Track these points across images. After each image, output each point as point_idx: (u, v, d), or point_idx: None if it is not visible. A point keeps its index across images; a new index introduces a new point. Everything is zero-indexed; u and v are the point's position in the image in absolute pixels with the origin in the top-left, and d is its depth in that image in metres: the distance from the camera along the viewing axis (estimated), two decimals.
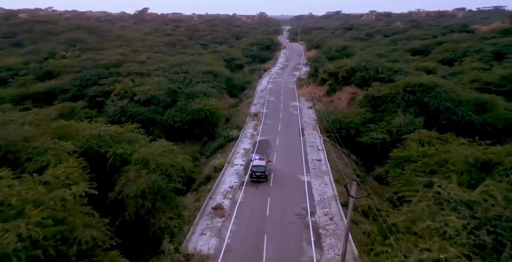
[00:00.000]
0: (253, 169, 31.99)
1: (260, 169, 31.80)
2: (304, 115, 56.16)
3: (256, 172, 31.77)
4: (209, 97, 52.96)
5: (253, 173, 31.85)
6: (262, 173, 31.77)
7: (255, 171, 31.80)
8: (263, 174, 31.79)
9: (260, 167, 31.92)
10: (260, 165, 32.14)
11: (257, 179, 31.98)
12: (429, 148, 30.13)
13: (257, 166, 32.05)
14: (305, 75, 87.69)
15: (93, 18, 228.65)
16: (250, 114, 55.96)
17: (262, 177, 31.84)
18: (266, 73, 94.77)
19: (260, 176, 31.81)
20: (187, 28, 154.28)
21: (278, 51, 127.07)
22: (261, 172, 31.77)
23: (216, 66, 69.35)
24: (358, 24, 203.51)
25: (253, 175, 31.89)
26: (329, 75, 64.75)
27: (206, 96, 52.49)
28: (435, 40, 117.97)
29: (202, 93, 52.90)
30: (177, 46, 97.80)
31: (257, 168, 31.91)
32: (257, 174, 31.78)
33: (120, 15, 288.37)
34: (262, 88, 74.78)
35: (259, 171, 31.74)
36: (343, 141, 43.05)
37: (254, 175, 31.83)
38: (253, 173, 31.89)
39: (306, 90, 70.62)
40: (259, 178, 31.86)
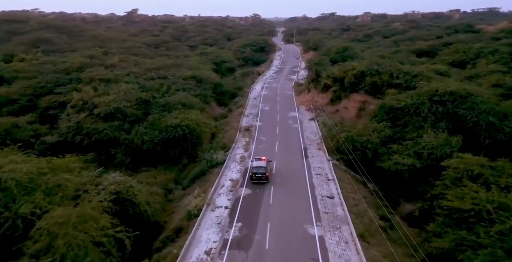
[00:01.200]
0: (253, 171, 30.23)
1: (260, 170, 29.98)
2: (306, 129, 46.16)
3: (256, 174, 30.02)
4: (190, 109, 42.81)
5: (253, 175, 30.13)
6: (263, 175, 29.99)
7: (255, 173, 30.04)
8: (264, 176, 30.00)
9: (260, 168, 30.09)
10: (260, 166, 30.30)
11: (257, 181, 30.18)
12: (504, 196, 20.09)
13: (257, 167, 30.22)
14: (304, 80, 77.89)
15: (79, 19, 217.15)
16: (240, 129, 45.84)
17: (263, 179, 30.06)
18: (260, 77, 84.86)
19: (261, 178, 30.05)
20: (175, 29, 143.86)
21: (272, 53, 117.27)
22: (262, 173, 29.99)
23: (202, 71, 59.24)
24: (355, 25, 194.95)
25: (253, 176, 30.20)
26: (334, 81, 54.99)
27: (186, 108, 42.30)
28: (441, 41, 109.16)
29: (181, 104, 42.72)
30: (161, 48, 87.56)
31: (257, 169, 30.11)
32: (257, 175, 30.01)
33: (109, 16, 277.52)
34: (256, 95, 64.74)
35: (259, 173, 29.96)
36: (356, 164, 33.29)
37: (255, 177, 30.13)
38: (253, 174, 30.15)
39: (306, 97, 60.75)
40: (260, 179, 30.10)
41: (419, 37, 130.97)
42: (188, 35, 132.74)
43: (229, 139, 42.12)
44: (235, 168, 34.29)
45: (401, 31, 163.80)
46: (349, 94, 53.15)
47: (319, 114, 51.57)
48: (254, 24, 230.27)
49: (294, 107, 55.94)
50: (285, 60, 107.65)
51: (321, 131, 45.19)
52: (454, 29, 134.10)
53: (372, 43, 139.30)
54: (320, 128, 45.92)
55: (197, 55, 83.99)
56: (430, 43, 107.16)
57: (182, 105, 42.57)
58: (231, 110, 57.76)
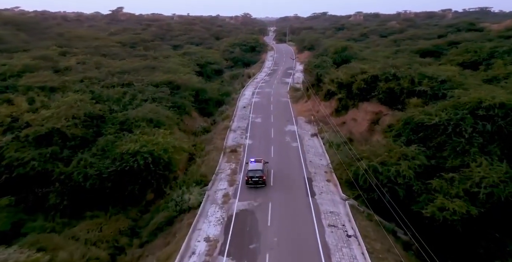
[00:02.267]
0: (249, 174, 27.87)
1: (257, 174, 27.68)
2: (308, 150, 36.17)
3: (252, 177, 27.69)
4: (159, 126, 32.51)
5: (249, 179, 27.78)
6: (260, 178, 27.66)
7: (251, 176, 27.73)
8: (260, 179, 27.69)
9: (257, 171, 27.81)
10: (257, 169, 27.98)
11: (254, 185, 27.78)
12: None
13: (254, 170, 27.92)
14: (301, 84, 68.07)
15: (60, 17, 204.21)
16: (225, 150, 35.65)
17: (260, 183, 27.74)
18: (251, 80, 74.76)
19: (257, 182, 27.73)
20: (159, 27, 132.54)
21: (264, 54, 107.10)
22: (259, 177, 27.65)
23: (180, 74, 48.76)
24: (349, 24, 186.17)
25: (249, 180, 27.78)
26: (339, 87, 45.15)
27: (153, 126, 31.96)
28: (445, 40, 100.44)
29: (147, 121, 32.35)
30: (138, 47, 76.84)
31: (253, 172, 27.79)
32: (254, 179, 27.68)
33: (93, 15, 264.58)
34: (245, 103, 54.58)
35: (256, 176, 27.65)
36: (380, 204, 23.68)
37: (251, 181, 27.76)
38: (249, 178, 27.79)
39: (305, 106, 50.80)
40: (257, 183, 27.76)
41: (419, 36, 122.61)
42: (173, 34, 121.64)
43: (210, 166, 31.85)
44: (214, 216, 24.06)
45: (398, 30, 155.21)
46: (358, 103, 43.43)
47: (322, 128, 41.69)
48: (245, 23, 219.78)
49: (291, 119, 45.93)
50: (278, 61, 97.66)
51: (328, 152, 35.26)
52: (456, 27, 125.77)
53: (369, 42, 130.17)
54: (326, 149, 35.98)
55: (179, 55, 73.43)
56: (434, 43, 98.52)
57: (147, 121, 32.18)
58: (216, 122, 47.50)
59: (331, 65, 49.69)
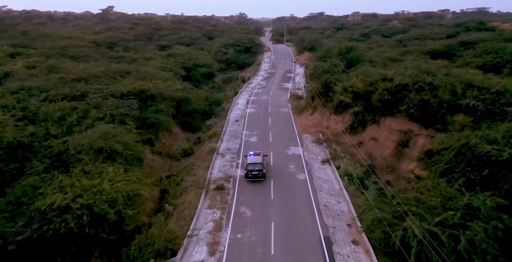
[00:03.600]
0: (248, 168, 26.52)
1: (256, 167, 26.36)
2: (321, 186, 26.64)
3: (252, 171, 26.35)
4: (112, 159, 22.86)
5: (249, 172, 26.43)
6: (260, 172, 26.32)
7: (251, 170, 26.39)
8: (260, 173, 26.33)
9: (256, 165, 26.46)
10: (256, 162, 26.58)
11: (254, 179, 26.42)
12: None
13: (253, 164, 26.56)
14: (303, 90, 58.74)
15: (45, 16, 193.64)
16: (208, 187, 26.07)
17: (259, 176, 26.39)
18: (245, 85, 65.26)
19: (257, 175, 26.37)
20: (147, 26, 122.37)
21: (260, 55, 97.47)
22: (258, 170, 26.31)
23: (158, 82, 39.04)
24: (349, 24, 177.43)
25: (249, 174, 26.44)
26: (354, 97, 35.73)
27: (102, 159, 22.26)
28: (458, 39, 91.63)
29: (95, 151, 22.64)
30: (117, 48, 67.00)
31: (253, 165, 26.45)
32: (253, 172, 26.33)
33: (83, 14, 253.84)
34: (238, 115, 45.03)
35: (255, 169, 26.31)
36: None
37: (250, 174, 26.41)
38: (248, 172, 26.46)
39: (311, 119, 41.30)
40: (256, 177, 26.40)
41: (426, 36, 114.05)
42: (161, 34, 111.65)
43: (184, 216, 22.25)
44: None
45: (401, 30, 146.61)
46: (380, 118, 34.13)
47: (335, 151, 32.21)
48: (240, 22, 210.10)
49: (295, 138, 36.41)
50: (276, 62, 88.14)
51: (347, 188, 25.82)
52: (464, 26, 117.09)
53: (371, 43, 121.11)
54: (345, 184, 26.51)
55: (163, 57, 63.72)
56: (445, 43, 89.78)
57: (95, 152, 22.49)
58: (201, 141, 37.87)
59: (342, 70, 40.11)
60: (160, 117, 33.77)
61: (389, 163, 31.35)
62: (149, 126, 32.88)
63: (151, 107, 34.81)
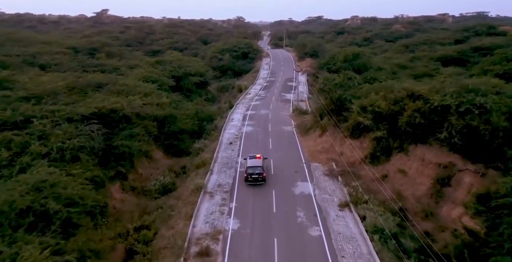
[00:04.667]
0: (248, 171, 25.74)
1: (256, 170, 25.58)
2: (343, 248, 19.30)
3: (252, 174, 25.55)
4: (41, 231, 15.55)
5: (249, 176, 25.66)
6: (260, 175, 25.53)
7: (251, 173, 25.60)
8: (260, 176, 25.55)
9: (256, 168, 25.69)
10: (256, 166, 25.82)
11: (254, 182, 25.65)
12: None
13: (253, 167, 25.79)
14: (306, 101, 51.82)
15: (35, 19, 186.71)
16: (188, 251, 18.83)
17: (259, 180, 25.61)
18: (242, 96, 58.22)
19: (257, 179, 25.63)
20: (139, 30, 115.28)
21: (259, 61, 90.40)
22: (258, 174, 25.50)
23: (135, 97, 31.77)
24: (350, 28, 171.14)
25: (248, 177, 25.70)
26: (376, 119, 28.63)
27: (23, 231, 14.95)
28: (469, 45, 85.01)
29: (18, 214, 15.31)
30: (99, 54, 59.89)
31: (253, 169, 25.71)
32: (253, 176, 25.56)
33: (77, 18, 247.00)
34: (233, 135, 37.83)
35: (255, 173, 25.52)
36: None
37: (250, 178, 25.67)
38: (248, 175, 25.65)
39: (319, 142, 34.09)
40: (256, 181, 25.63)
41: (433, 41, 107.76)
42: (153, 38, 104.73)
43: None
44: None
45: (404, 34, 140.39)
46: (409, 146, 27.11)
47: (356, 191, 25.01)
48: (238, 25, 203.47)
49: (302, 168, 29.23)
50: (276, 69, 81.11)
51: (380, 254, 18.65)
52: (473, 31, 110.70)
53: (374, 47, 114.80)
54: (377, 247, 19.28)
55: (150, 65, 56.62)
56: (456, 48, 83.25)
57: (18, 216, 15.22)
58: (186, 171, 30.61)
59: (358, 83, 32.77)
60: (133, 145, 26.52)
61: (425, 206, 24.27)
62: (118, 157, 25.71)
63: (124, 132, 27.59)
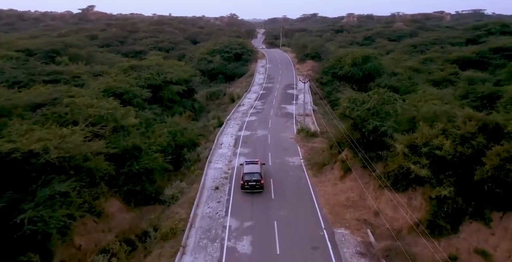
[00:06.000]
0: (245, 178, 23.58)
1: (254, 177, 23.39)
2: None
3: (249, 181, 23.41)
4: None
5: (246, 183, 23.49)
6: (257, 182, 23.30)
7: (247, 180, 23.46)
8: (258, 184, 23.34)
9: (254, 175, 23.51)
10: (254, 172, 23.65)
11: (251, 190, 23.44)
12: None
13: (250, 174, 23.62)
14: (312, 116, 41.73)
15: (15, 16, 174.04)
16: None
17: (257, 187, 23.41)
18: (235, 108, 47.87)
19: (254, 186, 23.40)
20: (122, 27, 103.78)
21: (254, 63, 79.66)
22: (256, 181, 23.26)
23: (75, 130, 21.40)
24: (349, 26, 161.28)
25: (245, 185, 23.54)
26: (435, 165, 18.64)
27: None
28: (487, 46, 75.64)
29: None
30: (60, 58, 48.88)
31: (250, 176, 23.54)
32: (250, 183, 23.39)
33: (61, 14, 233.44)
34: (219, 174, 27.48)
35: (252, 180, 23.34)
36: None
37: (247, 185, 23.50)
38: (245, 182, 23.50)
39: (340, 189, 23.87)
40: (254, 188, 23.39)
41: (443, 40, 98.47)
42: (137, 36, 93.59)
43: None
44: None
45: (408, 32, 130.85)
46: (492, 212, 17.20)
47: None
48: (231, 23, 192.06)
49: (322, 241, 19.14)
50: (273, 73, 70.72)
51: None
52: (485, 30, 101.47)
53: (377, 47, 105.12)
54: None
55: (122, 71, 46.03)
56: (474, 49, 73.87)
57: None
58: (147, 241, 20.40)
59: (403, 110, 22.18)
60: (54, 217, 16.23)
61: None
62: (27, 240, 15.46)
63: (42, 191, 17.28)
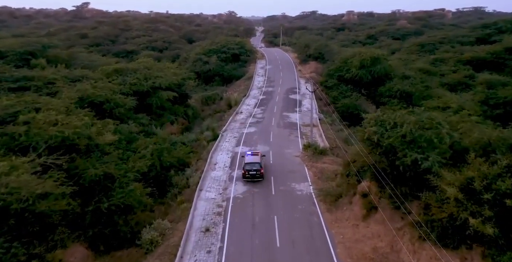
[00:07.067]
0: (246, 167, 25.44)
1: (254, 167, 25.33)
2: None
3: (250, 171, 25.29)
4: None
5: (247, 172, 25.40)
6: (258, 172, 25.29)
7: (248, 170, 25.33)
8: (258, 173, 25.33)
9: (254, 164, 25.45)
10: (254, 162, 25.57)
11: (251, 179, 25.34)
12: None
13: (251, 163, 25.49)
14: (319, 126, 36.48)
15: (6, 13, 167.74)
16: None
17: (257, 176, 25.45)
18: (232, 116, 42.66)
19: (255, 175, 25.38)
20: (114, 25, 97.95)
21: (252, 64, 74.10)
22: (256, 170, 25.25)
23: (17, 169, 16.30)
24: (351, 24, 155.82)
25: (246, 174, 25.43)
26: (502, 220, 13.61)
27: None
28: (502, 45, 70.53)
29: None
30: (36, 60, 43.35)
31: (250, 165, 25.40)
32: (251, 172, 25.29)
33: (55, 11, 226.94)
34: (212, 205, 22.36)
35: (253, 169, 25.27)
36: None
37: (248, 174, 25.40)
38: (246, 172, 25.41)
39: (364, 234, 18.91)
40: (254, 177, 25.37)
41: (451, 39, 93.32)
42: (129, 35, 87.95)
43: None
44: None
45: (412, 31, 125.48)
46: None
47: None
48: (229, 21, 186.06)
49: None
50: (273, 76, 65.39)
51: None
52: (495, 28, 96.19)
53: (381, 46, 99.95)
54: None
55: (105, 75, 40.74)
56: (488, 49, 68.75)
57: None
58: None
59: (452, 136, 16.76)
60: None
61: None
62: None
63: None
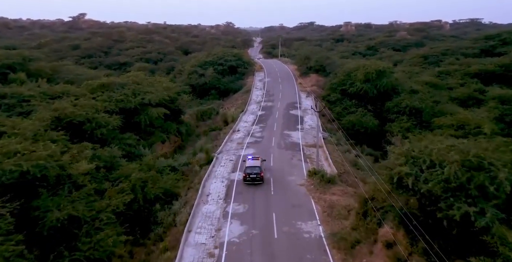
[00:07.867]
0: (247, 171, 26.52)
1: (255, 170, 26.42)
2: None
3: (250, 174, 26.33)
4: None
5: (247, 175, 26.42)
6: (258, 175, 26.30)
7: (249, 173, 26.37)
8: (258, 176, 26.31)
9: (255, 168, 26.56)
10: (255, 166, 26.77)
11: (252, 182, 26.33)
12: None
13: (252, 167, 26.66)
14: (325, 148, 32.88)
15: (1, 24, 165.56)
16: None
17: (257, 179, 26.37)
18: (228, 135, 39.11)
19: (255, 178, 26.36)
20: (108, 36, 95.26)
21: (250, 77, 71.14)
22: (256, 174, 26.32)
23: None
24: (350, 35, 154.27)
25: (247, 177, 26.44)
26: None
27: None
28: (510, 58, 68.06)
29: None
30: (15, 74, 39.61)
31: (251, 169, 26.55)
32: (251, 176, 26.32)
33: (52, 22, 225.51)
34: (202, 253, 18.77)
35: (253, 173, 26.33)
36: None
37: (249, 178, 26.40)
38: (247, 175, 26.44)
39: None
40: (254, 180, 26.36)
41: (454, 51, 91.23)
42: (123, 46, 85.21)
43: None
44: None
45: (413, 42, 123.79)
46: None
47: None
48: (227, 32, 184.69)
49: None
50: (272, 89, 62.20)
51: None
52: (498, 39, 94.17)
53: (382, 58, 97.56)
54: None
55: (91, 91, 37.36)
56: (497, 62, 66.19)
57: None
58: None
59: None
60: None
61: None
62: None
63: None
